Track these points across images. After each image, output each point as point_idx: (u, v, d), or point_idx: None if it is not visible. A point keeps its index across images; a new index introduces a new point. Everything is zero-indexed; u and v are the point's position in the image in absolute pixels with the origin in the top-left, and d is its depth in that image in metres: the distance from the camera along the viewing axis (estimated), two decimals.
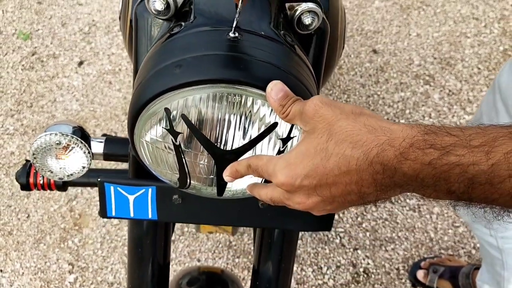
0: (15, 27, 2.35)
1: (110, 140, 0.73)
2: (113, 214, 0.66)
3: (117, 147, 0.73)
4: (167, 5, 0.56)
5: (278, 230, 0.73)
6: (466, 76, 1.99)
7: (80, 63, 2.18)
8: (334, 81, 2.01)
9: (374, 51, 2.10)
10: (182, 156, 0.53)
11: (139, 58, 0.62)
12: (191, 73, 0.47)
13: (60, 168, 0.71)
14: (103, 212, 0.67)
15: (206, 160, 0.53)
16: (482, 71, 2.00)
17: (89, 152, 0.71)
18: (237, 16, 0.49)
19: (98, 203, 1.75)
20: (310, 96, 0.54)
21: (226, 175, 0.52)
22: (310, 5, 0.56)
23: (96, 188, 0.71)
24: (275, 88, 0.47)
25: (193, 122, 0.50)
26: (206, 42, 0.49)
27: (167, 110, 0.49)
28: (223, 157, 0.52)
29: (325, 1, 0.87)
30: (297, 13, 0.57)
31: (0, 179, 1.85)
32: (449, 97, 1.93)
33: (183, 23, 0.54)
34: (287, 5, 0.57)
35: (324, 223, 0.69)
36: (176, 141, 0.51)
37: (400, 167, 0.39)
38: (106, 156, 0.73)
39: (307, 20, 0.57)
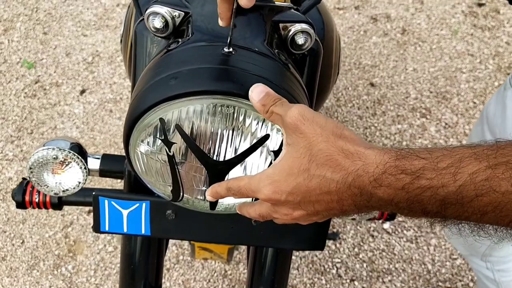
0: (20, 56, 2.40)
1: (106, 157, 0.74)
2: (107, 229, 0.67)
3: (113, 164, 0.74)
4: (166, 23, 0.58)
5: (271, 249, 0.73)
6: (462, 110, 2.02)
7: (82, 92, 2.21)
8: (332, 112, 2.04)
9: (372, 84, 2.14)
10: (176, 167, 0.54)
11: (137, 74, 0.64)
12: (186, 84, 0.48)
13: (56, 183, 0.71)
14: (97, 227, 0.67)
15: (199, 171, 0.54)
16: (478, 105, 2.03)
17: (85, 168, 0.71)
18: (230, 33, 0.51)
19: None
20: None
21: (207, 195, 0.54)
22: (303, 25, 0.59)
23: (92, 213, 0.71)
24: (256, 90, 0.48)
25: (187, 133, 0.51)
26: (201, 56, 0.51)
27: (162, 121, 0.50)
28: (216, 168, 0.53)
29: (320, 29, 0.90)
30: (291, 33, 0.59)
31: None
32: (445, 130, 1.95)
33: (180, 40, 0.56)
34: (281, 25, 0.59)
35: (318, 242, 0.69)
36: (170, 152, 0.52)
37: (376, 192, 0.41)
38: (102, 173, 0.73)
39: (300, 40, 0.59)
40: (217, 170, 0.52)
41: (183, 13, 0.58)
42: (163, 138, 0.51)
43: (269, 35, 0.57)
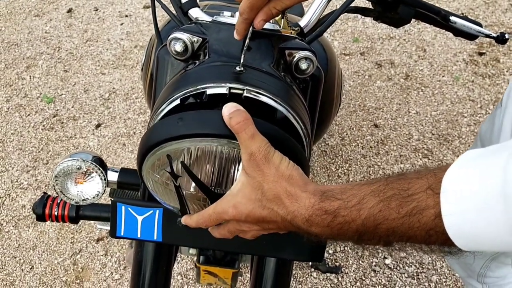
0: (40, 91, 2.53)
1: (124, 171, 0.81)
2: (122, 234, 0.72)
3: (130, 177, 0.81)
4: (185, 48, 0.66)
5: (273, 260, 0.77)
6: (463, 151, 2.07)
7: (98, 126, 2.31)
8: (337, 150, 2.11)
9: (375, 125, 2.21)
10: (182, 195, 0.60)
11: (157, 93, 0.71)
12: (190, 126, 0.53)
13: (77, 192, 0.78)
14: (113, 232, 0.73)
15: (202, 198, 0.61)
16: None
17: (105, 179, 0.78)
18: (243, 55, 0.59)
19: (101, 257, 1.78)
20: (304, 131, 0.62)
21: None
22: (307, 52, 0.67)
23: (102, 242, 0.77)
24: (226, 108, 0.54)
25: (191, 167, 0.57)
26: (216, 73, 0.58)
27: (168, 157, 0.56)
28: (218, 198, 0.58)
29: (323, 63, 0.99)
30: (295, 59, 0.67)
31: (8, 231, 1.91)
32: None
33: (197, 61, 0.64)
34: (286, 52, 0.67)
35: (316, 254, 0.74)
36: (176, 183, 0.58)
37: (309, 229, 0.51)
38: (120, 185, 0.80)
39: (303, 65, 0.67)
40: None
41: (201, 39, 0.66)
42: (170, 171, 0.56)
43: (276, 59, 0.65)
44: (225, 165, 0.58)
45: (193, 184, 0.59)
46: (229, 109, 0.53)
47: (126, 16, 3.05)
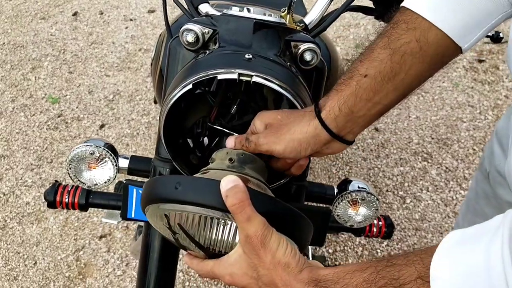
0: (45, 92, 2.56)
1: (135, 158, 0.84)
2: (133, 216, 0.75)
3: (140, 164, 0.84)
4: (197, 38, 0.70)
5: None
6: (462, 155, 2.11)
7: (102, 126, 2.34)
8: (338, 153, 2.14)
9: (376, 129, 2.25)
10: (180, 245, 0.60)
11: (168, 82, 0.75)
12: (187, 194, 0.51)
13: (90, 177, 0.81)
14: (124, 214, 0.76)
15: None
16: (477, 152, 2.12)
17: (116, 165, 0.81)
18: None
19: (103, 254, 1.81)
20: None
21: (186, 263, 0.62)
22: (311, 45, 0.70)
23: (105, 239, 0.79)
24: (224, 182, 0.51)
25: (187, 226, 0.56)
26: (227, 60, 0.62)
27: (166, 216, 0.55)
28: (214, 255, 0.58)
29: (327, 61, 1.02)
30: (300, 50, 0.71)
31: (12, 227, 1.93)
32: (446, 173, 2.03)
33: (207, 51, 0.68)
34: (292, 43, 0.71)
35: (318, 239, 0.77)
36: (175, 236, 0.58)
37: None
38: (130, 171, 0.83)
39: (308, 56, 0.71)
40: (216, 256, 0.58)
41: (211, 30, 0.70)
42: (168, 227, 0.56)
43: (282, 50, 0.69)
44: (223, 226, 0.56)
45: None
46: (226, 184, 0.50)
47: (131, 20, 3.09)
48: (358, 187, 0.85)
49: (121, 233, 1.87)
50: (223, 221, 0.54)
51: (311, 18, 0.83)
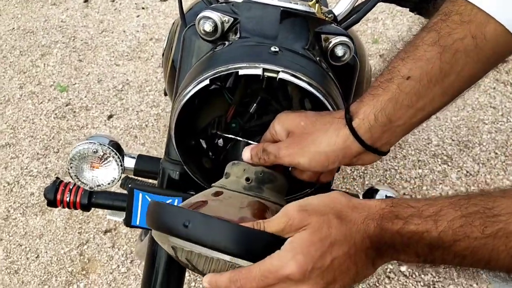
0: (54, 79, 2.50)
1: (142, 157, 0.77)
2: (138, 223, 0.68)
3: (148, 165, 0.76)
4: (215, 28, 0.62)
5: None
6: (484, 159, 2.02)
7: (110, 117, 2.28)
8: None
9: None
10: (189, 271, 0.54)
11: (181, 78, 0.67)
12: (195, 234, 0.46)
13: (92, 177, 0.74)
14: (128, 221, 0.69)
15: None
16: (499, 156, 2.03)
17: (121, 165, 0.74)
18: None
19: (108, 250, 1.75)
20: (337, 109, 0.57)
21: (205, 282, 0.50)
22: (344, 38, 0.62)
23: (110, 234, 0.73)
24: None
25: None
26: (250, 53, 0.54)
27: (173, 248, 0.50)
28: None
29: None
30: (331, 44, 0.62)
31: (15, 218, 1.88)
32: (466, 178, 1.94)
33: (226, 42, 0.60)
34: (322, 36, 0.63)
35: None
36: (182, 264, 0.53)
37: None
38: (136, 172, 0.76)
39: (340, 51, 0.63)
40: None
41: (232, 18, 0.62)
42: (175, 256, 0.51)
43: (311, 43, 0.61)
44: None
45: None
46: None
47: (143, 8, 3.02)
48: (386, 196, 0.78)
49: (126, 228, 1.81)
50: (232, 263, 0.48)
51: (340, 9, 0.75)
